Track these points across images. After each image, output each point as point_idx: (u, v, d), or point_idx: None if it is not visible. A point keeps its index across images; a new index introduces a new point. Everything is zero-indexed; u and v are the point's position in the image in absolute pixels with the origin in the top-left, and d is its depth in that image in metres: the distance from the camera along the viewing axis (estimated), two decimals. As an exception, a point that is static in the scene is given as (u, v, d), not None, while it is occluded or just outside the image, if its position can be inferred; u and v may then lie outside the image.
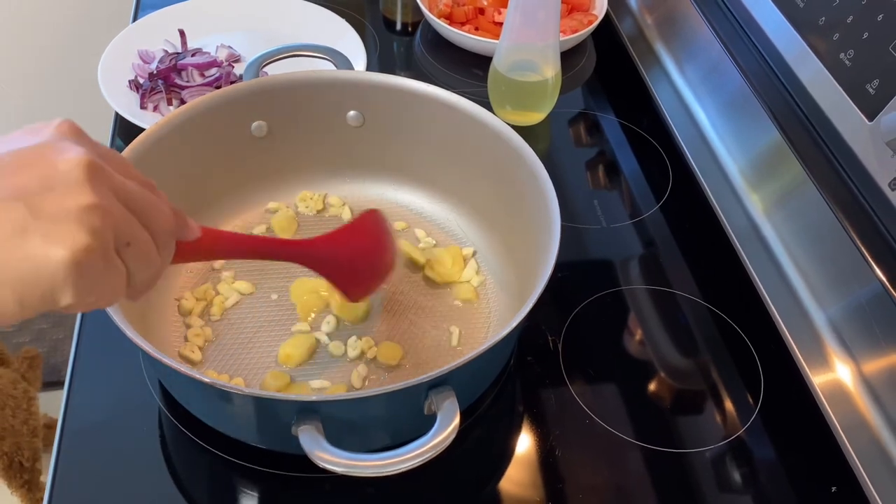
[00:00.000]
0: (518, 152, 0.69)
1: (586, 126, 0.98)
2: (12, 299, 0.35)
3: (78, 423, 0.64)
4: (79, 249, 0.35)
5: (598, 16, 1.05)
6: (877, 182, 0.61)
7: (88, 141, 0.39)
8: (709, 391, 0.70)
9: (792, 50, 0.73)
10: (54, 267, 0.35)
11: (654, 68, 0.98)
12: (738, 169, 0.80)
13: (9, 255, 0.34)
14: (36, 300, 0.35)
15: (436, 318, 0.72)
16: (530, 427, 0.67)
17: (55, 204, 0.35)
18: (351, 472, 0.50)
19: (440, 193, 0.81)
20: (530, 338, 0.72)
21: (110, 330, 0.55)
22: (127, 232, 0.38)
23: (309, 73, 0.77)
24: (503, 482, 0.63)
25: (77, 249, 0.35)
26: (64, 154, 0.36)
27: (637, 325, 0.75)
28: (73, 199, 0.35)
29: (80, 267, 0.35)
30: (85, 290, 0.36)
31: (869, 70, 0.63)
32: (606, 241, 0.83)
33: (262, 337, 0.70)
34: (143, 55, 0.98)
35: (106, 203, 0.37)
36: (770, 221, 0.75)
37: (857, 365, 0.64)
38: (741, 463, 0.65)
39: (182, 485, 0.62)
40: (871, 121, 0.62)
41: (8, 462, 1.32)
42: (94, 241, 0.36)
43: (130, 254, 0.39)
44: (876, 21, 0.63)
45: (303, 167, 0.81)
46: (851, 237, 0.64)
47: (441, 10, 1.06)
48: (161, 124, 0.69)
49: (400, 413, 0.58)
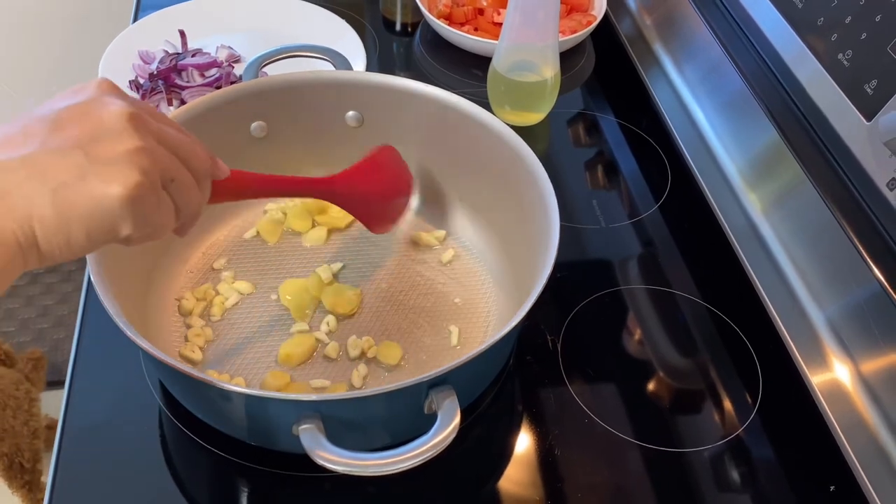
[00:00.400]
0: (517, 152, 0.69)
1: (585, 126, 0.98)
2: (82, 233, 0.40)
3: (79, 423, 0.64)
4: (132, 185, 0.40)
5: (597, 16, 1.06)
6: (875, 182, 0.62)
7: (126, 96, 0.44)
8: (707, 391, 0.70)
9: (790, 50, 0.73)
10: (113, 202, 0.40)
11: (652, 69, 0.98)
12: (736, 169, 0.80)
13: (75, 195, 0.39)
14: (101, 233, 0.41)
15: (435, 318, 0.72)
16: (530, 426, 0.67)
17: (107, 149, 0.40)
18: (352, 471, 0.50)
19: (439, 193, 0.81)
20: (530, 337, 0.72)
21: (111, 330, 0.55)
22: (171, 169, 0.44)
23: (308, 74, 0.77)
24: (503, 481, 0.64)
25: (130, 185, 0.40)
26: (108, 107, 0.42)
27: (636, 325, 0.75)
28: (122, 144, 0.41)
29: (134, 201, 0.41)
30: (141, 222, 0.42)
31: (867, 70, 0.63)
32: (605, 240, 0.83)
33: (262, 336, 0.70)
34: (144, 55, 0.98)
35: (150, 146, 0.42)
36: (768, 221, 0.75)
37: (855, 364, 0.64)
38: (740, 462, 0.65)
39: (182, 484, 0.62)
40: (870, 121, 0.62)
41: (8, 463, 1.32)
42: (145, 178, 0.41)
43: (175, 189, 0.45)
44: (874, 21, 0.63)
45: (302, 167, 0.81)
46: (849, 237, 0.64)
47: (440, 10, 1.06)
48: (161, 125, 0.69)
49: (400, 412, 0.58)
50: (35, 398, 1.40)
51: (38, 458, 1.37)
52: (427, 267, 0.77)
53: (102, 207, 0.40)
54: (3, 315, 1.79)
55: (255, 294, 0.73)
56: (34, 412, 1.38)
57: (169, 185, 0.44)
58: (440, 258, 0.77)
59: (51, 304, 1.81)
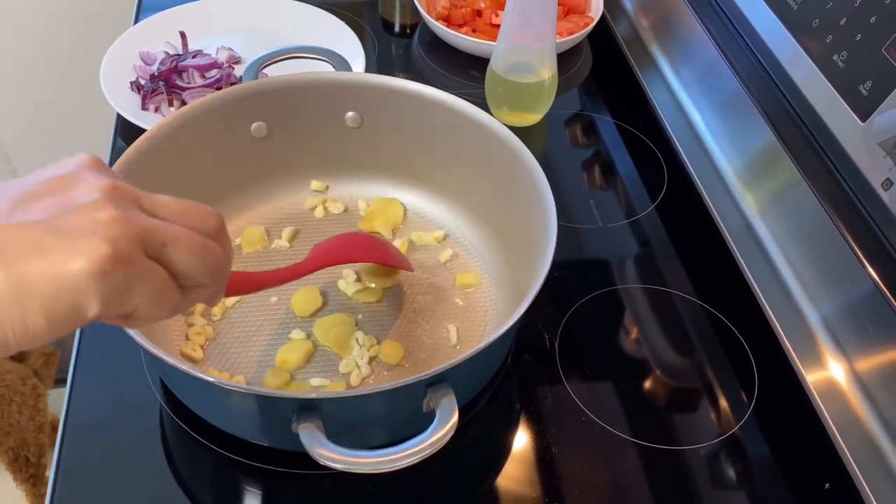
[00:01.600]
0: (515, 153, 0.70)
1: (582, 127, 0.99)
2: (40, 315, 0.35)
3: (80, 420, 0.65)
4: (99, 259, 0.35)
5: (594, 18, 1.06)
6: (869, 182, 0.62)
7: (110, 172, 0.40)
8: (704, 389, 0.71)
9: (786, 51, 0.74)
10: (75, 278, 0.35)
11: (649, 70, 0.98)
12: (732, 169, 0.81)
13: (31, 271, 0.35)
14: (63, 313, 0.36)
15: (434, 317, 0.73)
16: (527, 424, 0.67)
17: (75, 222, 0.36)
18: (351, 468, 0.50)
19: (438, 194, 0.81)
20: (527, 336, 0.73)
21: (112, 329, 0.55)
22: (160, 233, 0.39)
23: (308, 75, 0.77)
24: (500, 479, 0.64)
25: (97, 259, 0.35)
26: (85, 181, 0.38)
27: (633, 324, 0.76)
28: (92, 216, 0.36)
29: (102, 276, 0.36)
30: (114, 299, 0.37)
31: (862, 71, 0.63)
32: (602, 240, 0.84)
33: (262, 336, 0.70)
34: (145, 57, 0.98)
35: (126, 215, 0.37)
36: (764, 221, 0.75)
37: (850, 363, 0.64)
38: (735, 460, 0.66)
39: (183, 481, 0.62)
40: (864, 122, 0.62)
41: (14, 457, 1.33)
42: (115, 250, 0.36)
43: (170, 254, 0.39)
44: (869, 23, 0.63)
45: (302, 167, 0.82)
46: (844, 237, 0.65)
47: (439, 12, 1.07)
48: (162, 125, 0.69)
49: (399, 410, 0.58)
50: (42, 393, 1.40)
51: (43, 453, 1.38)
52: (426, 266, 0.77)
53: (62, 285, 0.35)
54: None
55: (255, 293, 0.73)
56: (40, 407, 1.38)
57: (160, 252, 0.39)
58: (438, 258, 0.78)
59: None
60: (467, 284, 0.75)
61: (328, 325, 0.70)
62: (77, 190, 0.37)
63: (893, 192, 0.59)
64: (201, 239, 0.41)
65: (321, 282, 0.74)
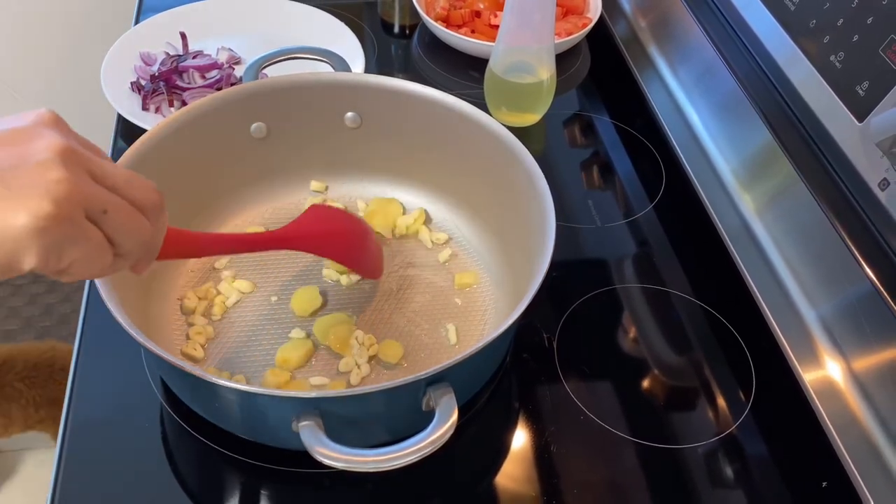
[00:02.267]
0: (514, 153, 0.70)
1: (581, 127, 0.99)
2: None
3: (81, 419, 0.65)
4: (41, 216, 0.37)
5: (593, 18, 1.06)
6: (867, 182, 0.62)
7: (68, 131, 0.42)
8: (701, 388, 0.71)
9: (783, 52, 0.74)
10: (17, 231, 0.37)
11: (647, 70, 0.99)
12: (730, 169, 0.81)
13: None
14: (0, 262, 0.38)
15: (433, 316, 0.73)
16: (526, 423, 0.67)
17: (25, 178, 0.38)
18: (351, 467, 0.50)
19: (437, 194, 0.81)
20: (526, 335, 0.73)
21: (113, 328, 0.55)
22: (101, 200, 0.40)
23: (308, 76, 0.77)
24: (499, 477, 0.64)
25: (39, 216, 0.37)
26: (40, 138, 0.39)
27: (631, 324, 0.76)
28: (41, 174, 0.38)
29: (43, 232, 0.38)
30: (52, 256, 0.39)
31: (859, 72, 0.64)
32: (601, 240, 0.84)
33: (262, 335, 0.71)
34: (145, 57, 0.99)
35: (75, 178, 0.39)
36: (762, 221, 0.75)
37: (847, 362, 0.65)
38: (733, 458, 0.66)
39: (183, 480, 0.62)
40: (861, 122, 0.63)
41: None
42: (58, 210, 0.38)
43: (109, 221, 0.41)
44: (866, 24, 0.64)
45: (302, 168, 0.82)
46: (842, 236, 0.65)
47: (438, 13, 1.07)
48: (163, 125, 0.70)
49: (399, 409, 0.58)
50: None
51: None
52: (425, 266, 0.77)
53: (4, 235, 0.37)
54: (7, 313, 1.79)
55: (255, 293, 0.74)
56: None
57: (100, 218, 0.41)
58: (438, 257, 0.78)
59: (53, 302, 1.82)
60: (466, 284, 0.75)
61: (328, 325, 0.71)
62: (32, 145, 0.39)
63: (890, 192, 0.60)
64: (136, 213, 0.43)
65: (321, 282, 0.75)
